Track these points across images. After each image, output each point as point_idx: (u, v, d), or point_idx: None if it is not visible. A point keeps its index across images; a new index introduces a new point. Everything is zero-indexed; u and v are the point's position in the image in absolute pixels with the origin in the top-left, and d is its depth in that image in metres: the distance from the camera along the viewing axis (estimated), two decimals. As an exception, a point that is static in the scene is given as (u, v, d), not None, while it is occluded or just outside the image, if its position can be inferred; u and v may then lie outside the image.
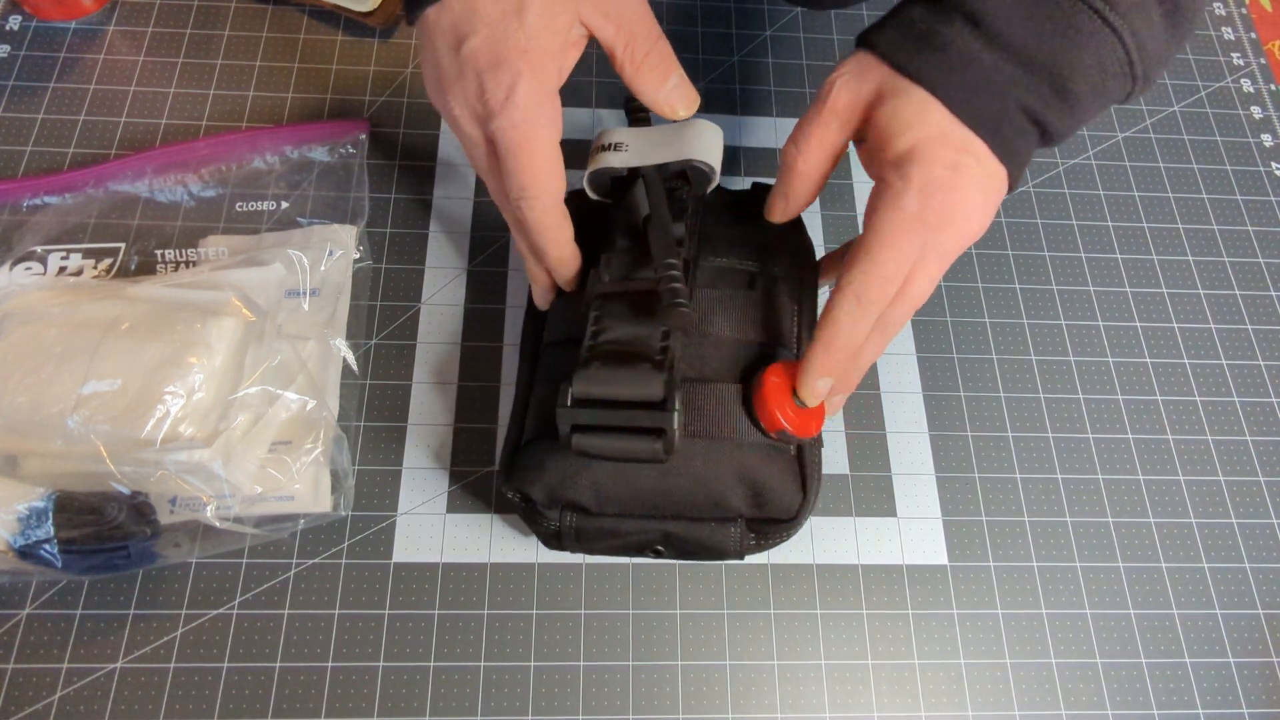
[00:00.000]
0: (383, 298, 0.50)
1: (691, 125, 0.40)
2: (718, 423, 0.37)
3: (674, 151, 0.40)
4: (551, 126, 0.35)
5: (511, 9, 0.33)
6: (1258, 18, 0.66)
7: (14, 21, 0.56)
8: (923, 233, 0.33)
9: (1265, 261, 0.55)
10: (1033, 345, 0.52)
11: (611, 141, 0.41)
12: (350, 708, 0.41)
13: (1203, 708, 0.44)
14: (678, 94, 0.38)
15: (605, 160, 0.41)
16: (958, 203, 0.33)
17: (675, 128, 0.40)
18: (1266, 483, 0.49)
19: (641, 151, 0.40)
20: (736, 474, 0.37)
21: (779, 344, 0.39)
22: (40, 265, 0.47)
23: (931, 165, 0.32)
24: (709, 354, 0.38)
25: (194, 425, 0.39)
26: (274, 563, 0.43)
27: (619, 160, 0.40)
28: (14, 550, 0.38)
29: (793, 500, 0.38)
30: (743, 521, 0.38)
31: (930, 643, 0.44)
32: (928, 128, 0.33)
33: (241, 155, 0.52)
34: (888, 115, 0.33)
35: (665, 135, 0.41)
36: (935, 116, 0.33)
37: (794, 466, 0.38)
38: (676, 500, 0.37)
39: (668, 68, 0.37)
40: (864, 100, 0.35)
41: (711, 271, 0.40)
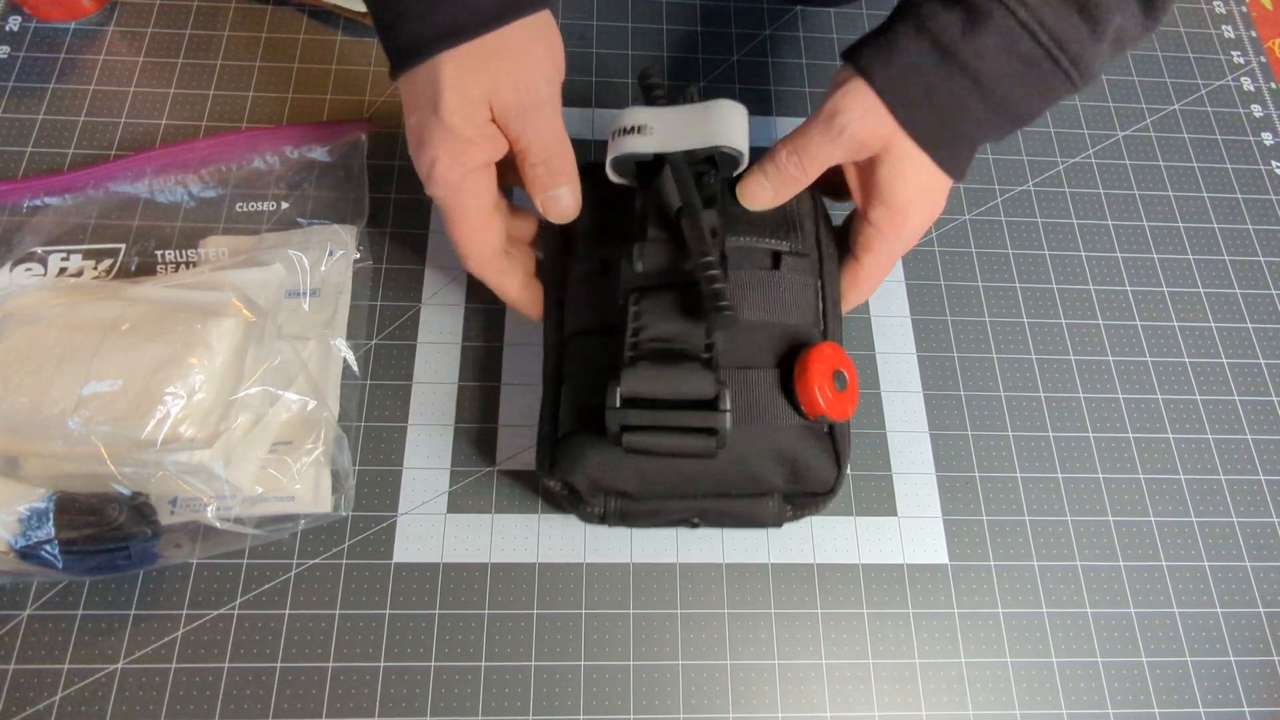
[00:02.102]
0: (383, 298, 0.50)
1: (717, 106, 0.39)
2: (758, 408, 0.38)
3: (701, 136, 0.39)
4: (476, 196, 0.39)
5: (430, 102, 0.37)
6: (1258, 16, 0.66)
7: (14, 22, 0.56)
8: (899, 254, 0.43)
9: (1265, 260, 0.55)
10: (1033, 344, 0.52)
11: (634, 124, 0.40)
12: (351, 708, 0.41)
13: (1203, 706, 0.44)
14: (559, 201, 0.40)
15: (629, 145, 0.39)
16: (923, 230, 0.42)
17: (700, 108, 0.40)
18: (1267, 481, 0.49)
19: (666, 135, 0.39)
20: (775, 454, 0.38)
21: (807, 323, 0.40)
22: (40, 266, 0.47)
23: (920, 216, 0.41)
24: (742, 339, 0.38)
25: (194, 426, 0.39)
26: (275, 563, 0.43)
27: (643, 145, 0.39)
28: (15, 551, 0.38)
29: (828, 474, 0.39)
30: (779, 495, 0.40)
31: (931, 642, 0.44)
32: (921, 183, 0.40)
33: (241, 156, 0.52)
34: (893, 174, 0.39)
35: (690, 117, 0.39)
36: (929, 175, 0.40)
37: (828, 443, 0.39)
38: (718, 481, 0.39)
39: (557, 180, 0.40)
40: (873, 147, 0.39)
41: (736, 252, 0.40)
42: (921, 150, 0.39)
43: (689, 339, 0.36)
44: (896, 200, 0.40)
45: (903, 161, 0.39)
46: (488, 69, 0.37)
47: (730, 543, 0.45)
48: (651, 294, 0.38)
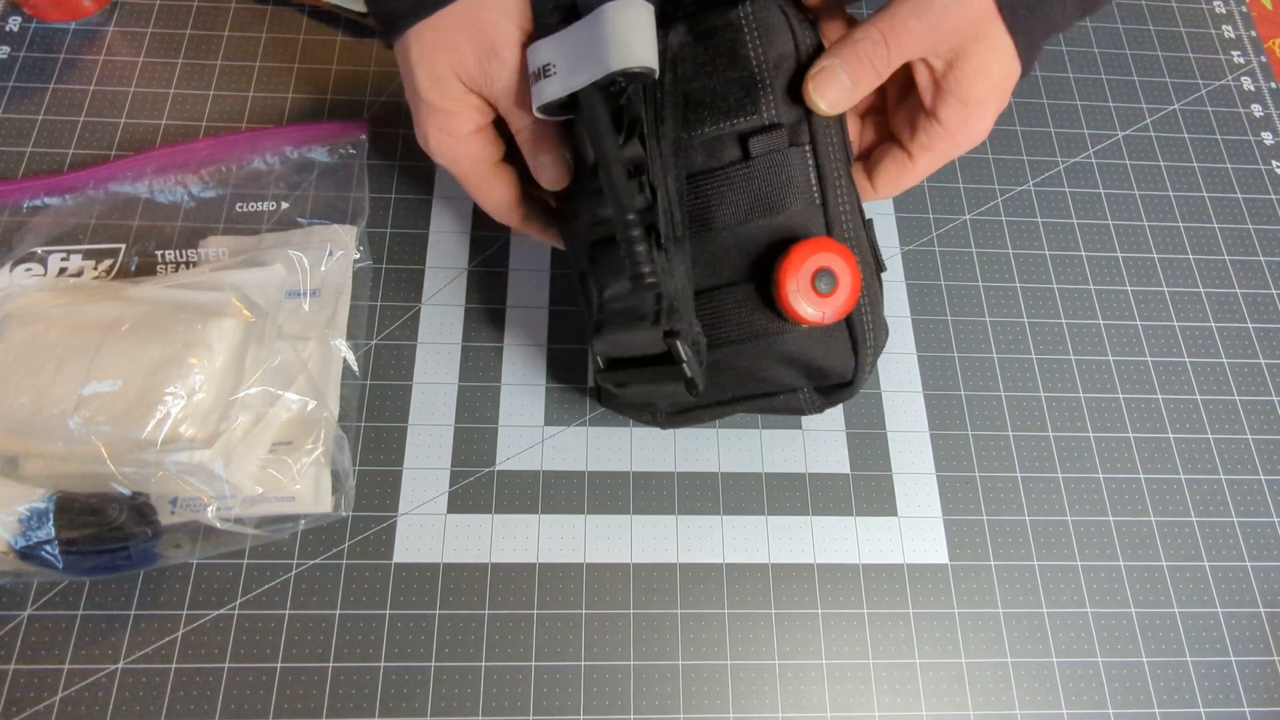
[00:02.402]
0: (383, 298, 0.50)
1: (607, 13, 0.33)
2: (745, 324, 0.36)
3: (598, 62, 0.33)
4: (474, 160, 0.40)
5: (409, 79, 0.38)
6: (1258, 16, 0.65)
7: (14, 23, 0.56)
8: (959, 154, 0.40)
9: (1266, 260, 0.55)
10: (1033, 344, 0.52)
11: (539, 65, 0.35)
12: (351, 708, 0.41)
13: (1204, 706, 0.44)
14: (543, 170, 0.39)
15: (540, 93, 0.35)
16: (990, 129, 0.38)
17: (593, 23, 0.34)
18: (1267, 481, 0.49)
19: (569, 69, 0.34)
20: (782, 359, 0.37)
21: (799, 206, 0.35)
22: (41, 266, 0.47)
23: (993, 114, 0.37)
24: (717, 252, 0.36)
25: (195, 426, 0.39)
26: (275, 563, 0.43)
27: (552, 89, 0.34)
28: (15, 551, 0.38)
29: (845, 365, 0.37)
30: (809, 387, 0.39)
31: (931, 642, 0.44)
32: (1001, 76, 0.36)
33: (241, 156, 0.52)
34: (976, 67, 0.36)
35: (587, 37, 0.34)
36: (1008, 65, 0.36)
37: (840, 334, 0.37)
38: (740, 388, 0.39)
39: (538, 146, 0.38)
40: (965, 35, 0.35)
41: (701, 148, 0.36)
42: (1009, 37, 0.35)
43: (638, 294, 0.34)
44: (975, 96, 0.36)
45: (989, 52, 0.35)
46: (447, 42, 0.36)
47: (730, 543, 0.45)
48: (602, 247, 0.36)
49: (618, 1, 0.33)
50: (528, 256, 0.52)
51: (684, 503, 0.46)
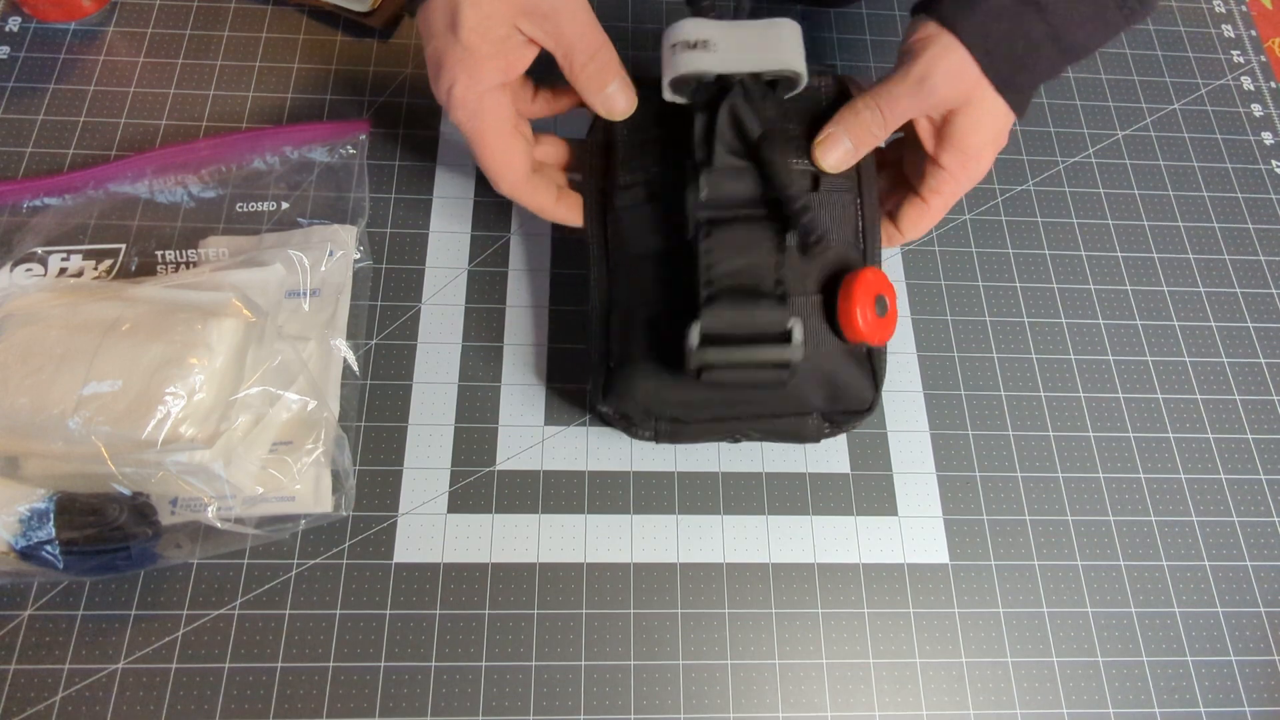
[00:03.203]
0: (383, 298, 0.50)
1: (778, 25, 0.39)
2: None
3: (768, 57, 0.38)
4: (496, 116, 0.39)
5: (448, 24, 0.38)
6: (1258, 15, 0.65)
7: (14, 23, 0.56)
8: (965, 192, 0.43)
9: (1266, 259, 0.55)
10: (1033, 344, 0.52)
11: (696, 38, 0.37)
12: (352, 708, 0.41)
13: (1204, 706, 0.44)
14: (613, 101, 0.41)
15: (692, 62, 0.37)
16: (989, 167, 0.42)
17: (762, 26, 0.39)
18: (1267, 480, 0.49)
19: (732, 53, 0.37)
20: (818, 377, 0.39)
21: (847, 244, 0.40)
22: (41, 266, 0.47)
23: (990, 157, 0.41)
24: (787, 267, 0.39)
25: (195, 426, 0.39)
26: (275, 563, 0.43)
27: (708, 63, 0.37)
28: (15, 551, 0.38)
29: (867, 394, 0.41)
30: (819, 413, 0.42)
31: (931, 641, 0.44)
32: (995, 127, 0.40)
33: (241, 156, 0.52)
34: (970, 123, 0.40)
35: (753, 35, 0.38)
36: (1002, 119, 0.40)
37: (866, 365, 0.41)
38: (762, 404, 0.41)
39: (606, 76, 0.40)
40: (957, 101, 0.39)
41: None
42: (999, 96, 0.39)
43: (760, 273, 0.37)
44: (972, 146, 0.40)
45: (981, 109, 0.39)
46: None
47: (730, 542, 0.45)
48: (720, 226, 0.37)
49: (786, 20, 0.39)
50: (528, 256, 0.52)
51: (684, 502, 0.46)
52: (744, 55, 0.37)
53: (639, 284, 0.41)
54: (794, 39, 0.39)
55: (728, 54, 0.37)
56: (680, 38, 0.38)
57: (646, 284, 0.40)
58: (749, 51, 0.38)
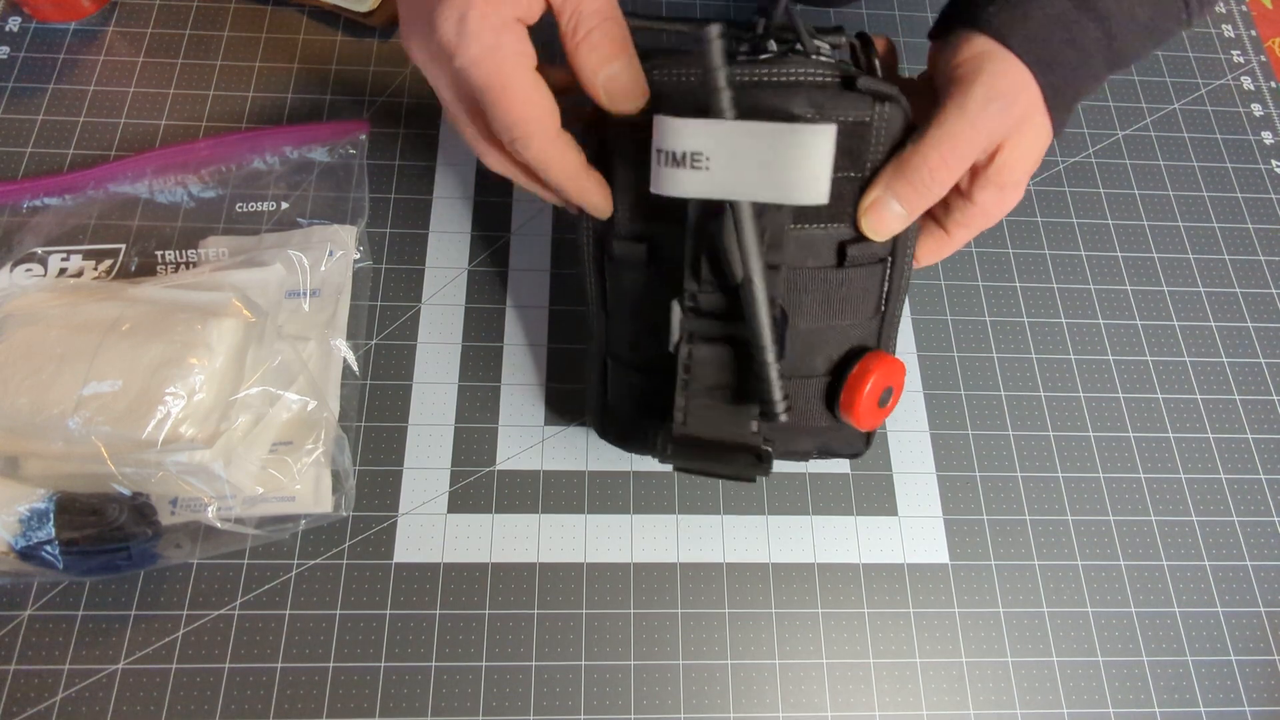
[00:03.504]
0: (383, 298, 0.50)
1: (796, 135, 0.29)
2: (800, 412, 0.37)
3: (774, 184, 0.29)
4: (519, 54, 0.31)
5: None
6: (1258, 15, 0.65)
7: (13, 23, 0.56)
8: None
9: (1265, 259, 0.55)
10: (1033, 343, 0.52)
11: (686, 150, 0.29)
12: (352, 708, 0.41)
13: (1204, 706, 0.44)
14: (616, 84, 0.32)
15: (681, 183, 0.30)
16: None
17: (774, 136, 0.29)
18: (1267, 480, 0.49)
19: (729, 172, 0.29)
20: (809, 437, 0.39)
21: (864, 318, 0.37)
22: (40, 267, 0.47)
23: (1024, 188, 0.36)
24: (797, 346, 0.36)
25: (195, 426, 0.39)
26: (275, 563, 0.43)
27: (699, 185, 0.30)
28: (15, 552, 0.38)
29: (858, 448, 0.41)
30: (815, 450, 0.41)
31: (932, 641, 0.44)
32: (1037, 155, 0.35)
33: (241, 156, 0.52)
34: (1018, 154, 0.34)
35: (761, 148, 0.29)
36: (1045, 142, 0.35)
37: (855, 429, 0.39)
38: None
39: (611, 51, 0.32)
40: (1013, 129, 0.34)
41: (800, 243, 0.34)
42: (1049, 117, 0.34)
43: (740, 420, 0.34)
44: (1013, 179, 0.35)
45: (1031, 136, 0.34)
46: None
47: (730, 542, 0.45)
48: (700, 345, 0.34)
49: (815, 126, 0.29)
50: (528, 256, 0.52)
51: (684, 502, 0.46)
52: (744, 180, 0.29)
53: (630, 337, 0.38)
54: (819, 156, 0.29)
55: (724, 176, 0.29)
56: (667, 145, 0.30)
57: (638, 340, 0.37)
58: (752, 174, 0.29)
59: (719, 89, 0.29)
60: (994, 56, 0.33)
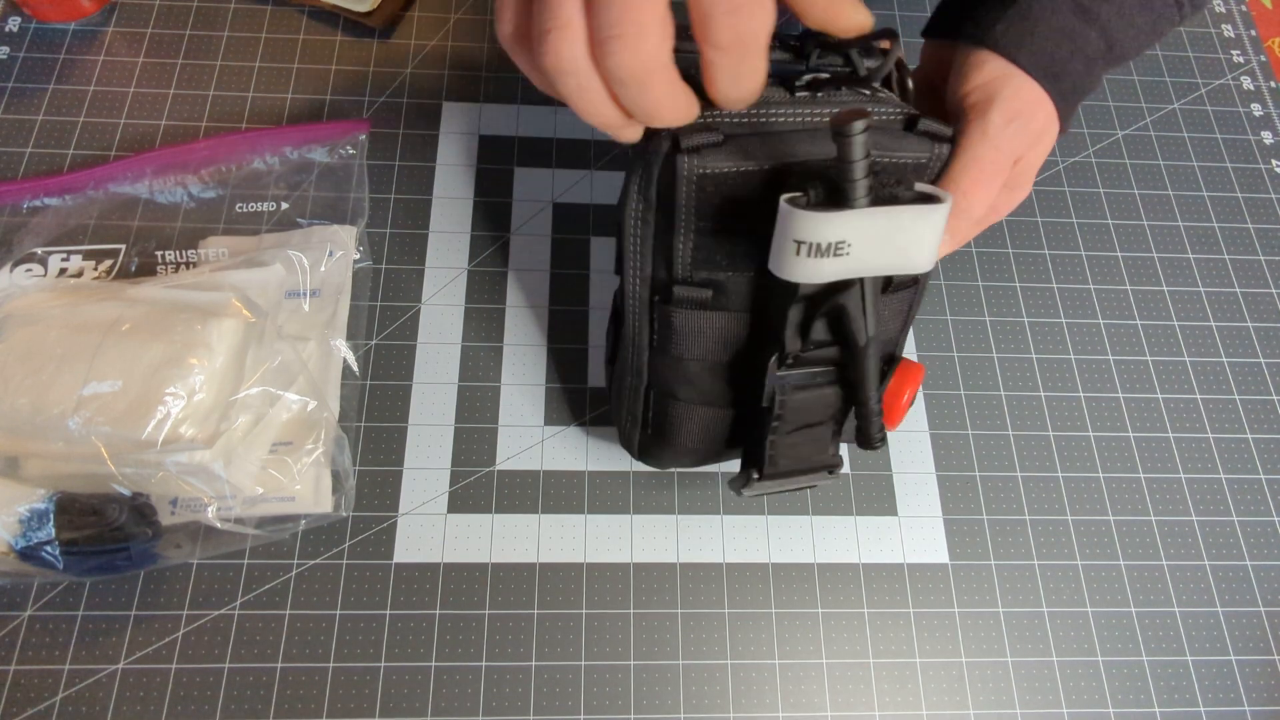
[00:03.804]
0: (383, 298, 0.50)
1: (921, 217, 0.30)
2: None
3: (898, 258, 0.30)
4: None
5: None
6: (1257, 15, 0.65)
7: (13, 23, 0.56)
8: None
9: (1265, 259, 0.55)
10: (1033, 343, 0.52)
11: (831, 240, 0.29)
12: (352, 708, 0.41)
13: (1204, 705, 0.44)
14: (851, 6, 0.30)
15: (825, 270, 0.30)
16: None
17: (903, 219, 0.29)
18: (1267, 480, 0.49)
19: (866, 257, 0.30)
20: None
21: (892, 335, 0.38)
22: (40, 267, 0.47)
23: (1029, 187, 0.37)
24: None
25: (195, 426, 0.39)
26: (275, 563, 0.43)
27: (840, 269, 0.30)
28: (15, 552, 0.38)
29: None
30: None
31: (931, 641, 0.44)
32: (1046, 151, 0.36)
33: (241, 156, 0.52)
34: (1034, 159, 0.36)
35: (892, 231, 0.30)
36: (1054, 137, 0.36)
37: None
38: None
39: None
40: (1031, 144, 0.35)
41: None
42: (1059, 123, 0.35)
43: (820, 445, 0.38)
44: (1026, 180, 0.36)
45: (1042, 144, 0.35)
46: None
47: (730, 542, 0.45)
48: (793, 393, 0.36)
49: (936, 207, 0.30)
50: (528, 256, 0.52)
51: (684, 502, 0.46)
52: (877, 259, 0.30)
53: (685, 379, 0.38)
54: (936, 230, 0.30)
55: (860, 258, 0.30)
56: (808, 238, 0.29)
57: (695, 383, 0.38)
58: (884, 254, 0.30)
59: (858, 180, 0.29)
60: (1009, 79, 0.34)
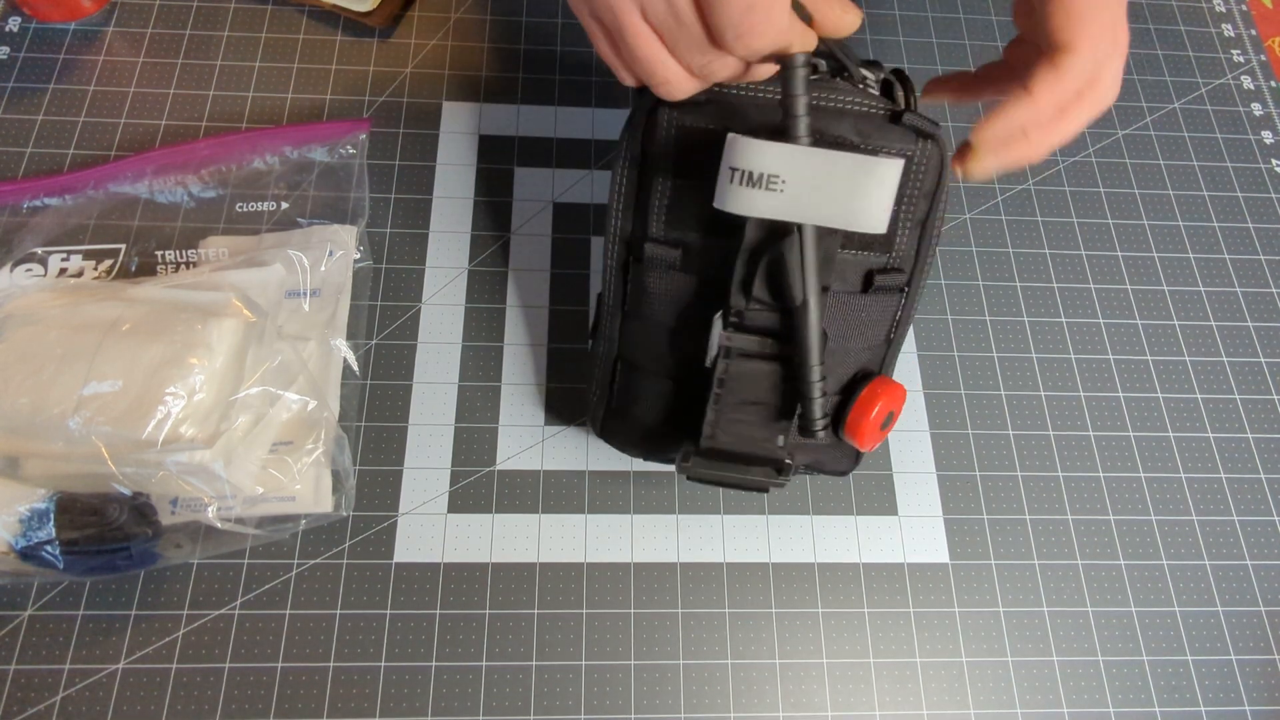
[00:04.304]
0: (383, 298, 0.50)
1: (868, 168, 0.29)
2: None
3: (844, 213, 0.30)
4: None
5: None
6: (1258, 15, 0.65)
7: (13, 23, 0.56)
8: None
9: (1265, 258, 0.55)
10: (1033, 343, 0.52)
11: (764, 172, 0.29)
12: (352, 708, 0.41)
13: (1204, 705, 0.44)
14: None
15: (752, 203, 0.30)
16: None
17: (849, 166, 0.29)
18: (1267, 480, 0.49)
19: (802, 199, 0.29)
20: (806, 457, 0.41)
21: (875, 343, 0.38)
22: (41, 267, 0.47)
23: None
24: None
25: (195, 426, 0.39)
26: (275, 563, 0.43)
27: (771, 205, 0.30)
28: (16, 552, 0.38)
29: (847, 467, 0.42)
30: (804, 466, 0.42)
31: (932, 640, 0.44)
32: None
33: (241, 156, 0.52)
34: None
35: (835, 177, 0.29)
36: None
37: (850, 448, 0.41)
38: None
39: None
40: None
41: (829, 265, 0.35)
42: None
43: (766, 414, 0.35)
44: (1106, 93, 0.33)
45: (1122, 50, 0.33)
46: None
47: (731, 542, 0.45)
48: (737, 360, 0.35)
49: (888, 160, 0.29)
50: (528, 256, 0.52)
51: (684, 502, 0.46)
52: (816, 205, 0.30)
53: (648, 346, 0.39)
54: (886, 190, 0.30)
55: (795, 200, 0.30)
56: (743, 165, 0.29)
57: (657, 350, 0.38)
58: (824, 201, 0.30)
59: (799, 116, 0.29)
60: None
